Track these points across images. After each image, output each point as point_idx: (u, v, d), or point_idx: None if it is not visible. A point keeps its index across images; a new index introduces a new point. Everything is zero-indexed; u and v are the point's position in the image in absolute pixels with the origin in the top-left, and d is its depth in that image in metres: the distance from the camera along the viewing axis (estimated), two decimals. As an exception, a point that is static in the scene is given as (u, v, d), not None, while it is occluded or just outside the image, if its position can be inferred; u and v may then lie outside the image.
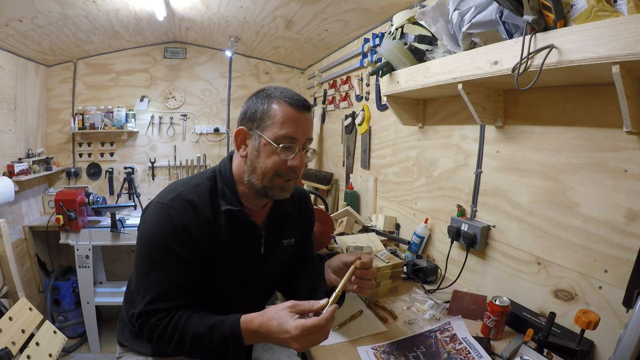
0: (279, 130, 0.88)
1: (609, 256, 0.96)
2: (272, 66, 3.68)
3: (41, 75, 3.01)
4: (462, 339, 1.06)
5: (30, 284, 2.69)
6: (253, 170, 0.92)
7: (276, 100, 0.90)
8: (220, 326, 0.82)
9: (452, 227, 1.47)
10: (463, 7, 1.09)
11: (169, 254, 0.86)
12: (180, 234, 0.87)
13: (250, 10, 2.35)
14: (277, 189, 0.94)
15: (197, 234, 0.89)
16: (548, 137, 1.15)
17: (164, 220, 0.87)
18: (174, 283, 0.86)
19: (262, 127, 0.90)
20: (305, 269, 1.16)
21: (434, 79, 1.29)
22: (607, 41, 0.75)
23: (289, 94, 0.91)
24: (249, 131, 0.93)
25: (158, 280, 0.86)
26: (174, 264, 0.86)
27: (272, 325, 0.78)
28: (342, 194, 2.69)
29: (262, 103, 0.91)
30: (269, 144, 0.89)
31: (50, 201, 2.97)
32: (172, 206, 0.88)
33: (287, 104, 0.90)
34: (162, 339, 0.84)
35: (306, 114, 0.93)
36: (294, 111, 0.90)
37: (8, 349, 1.36)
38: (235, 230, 0.96)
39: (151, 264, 0.87)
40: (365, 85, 2.35)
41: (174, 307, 0.85)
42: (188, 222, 0.87)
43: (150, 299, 0.85)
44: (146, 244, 0.88)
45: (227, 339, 0.81)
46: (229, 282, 0.99)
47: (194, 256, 0.89)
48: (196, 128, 3.55)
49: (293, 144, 0.90)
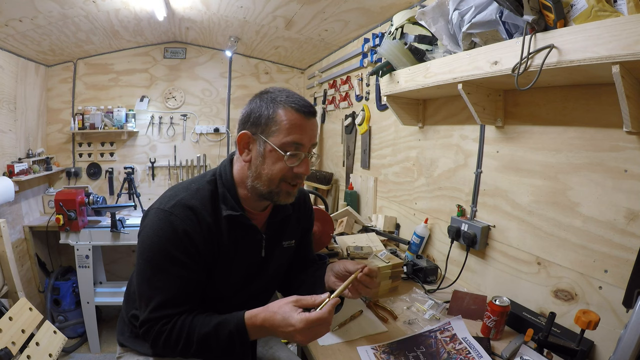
0: (285, 137, 0.87)
1: (609, 256, 0.96)
2: (272, 66, 3.68)
3: (41, 75, 3.01)
4: (462, 339, 1.06)
5: (30, 284, 2.69)
6: (258, 176, 0.91)
7: (282, 106, 0.88)
8: (226, 324, 0.83)
9: (452, 227, 1.47)
10: (463, 7, 1.09)
11: (171, 261, 0.86)
12: (182, 240, 0.87)
13: (250, 10, 2.35)
14: (283, 194, 0.93)
15: (199, 240, 0.88)
16: (548, 137, 1.15)
17: (165, 227, 0.87)
18: (176, 289, 0.86)
19: (268, 132, 0.88)
20: (305, 273, 1.16)
21: (434, 79, 1.29)
22: (607, 41, 0.75)
23: (295, 99, 0.90)
24: (252, 136, 0.91)
25: (161, 287, 0.86)
26: (176, 271, 0.86)
27: (277, 319, 0.80)
28: (342, 194, 2.69)
29: (267, 107, 0.89)
30: (275, 150, 0.88)
31: (50, 201, 2.97)
32: (173, 213, 0.88)
33: (294, 110, 0.88)
34: (168, 343, 0.84)
35: (312, 120, 0.92)
36: (301, 117, 0.89)
37: (8, 349, 1.36)
38: (236, 235, 0.95)
39: (153, 270, 0.87)
40: (365, 85, 2.35)
41: (177, 313, 0.86)
42: (189, 229, 0.87)
43: (154, 306, 0.85)
44: (148, 251, 0.88)
45: (233, 335, 0.82)
46: (230, 285, 0.99)
47: (196, 262, 0.89)
48: (196, 128, 3.55)
49: (299, 150, 0.89)
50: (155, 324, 0.85)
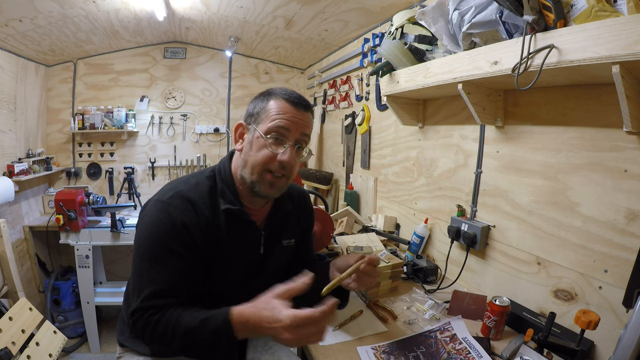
0: (270, 122, 0.90)
1: (609, 256, 0.96)
2: (272, 66, 3.68)
3: (41, 75, 3.01)
4: (462, 339, 1.06)
5: (30, 284, 2.69)
6: (245, 164, 0.94)
7: (274, 97, 0.93)
8: (213, 319, 0.79)
9: (452, 227, 1.47)
10: (463, 7, 1.09)
11: (167, 252, 0.86)
12: (180, 232, 0.86)
13: (250, 10, 2.35)
14: (265, 185, 0.92)
15: (197, 233, 0.88)
16: (548, 137, 1.15)
17: (163, 219, 0.87)
18: (170, 280, 0.85)
19: (258, 121, 0.93)
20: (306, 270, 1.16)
21: (434, 79, 1.29)
22: (607, 41, 0.75)
23: (288, 92, 0.94)
24: (247, 125, 0.96)
25: (154, 277, 0.85)
26: (171, 262, 0.86)
27: (264, 315, 0.75)
28: (342, 194, 2.69)
29: (262, 100, 0.95)
30: (261, 137, 0.91)
31: (50, 201, 2.97)
32: (171, 204, 0.88)
33: (283, 99, 0.92)
34: (154, 334, 0.82)
35: (301, 111, 0.93)
36: (289, 105, 0.92)
37: (8, 349, 1.36)
38: (235, 230, 0.95)
39: (150, 261, 0.86)
40: (365, 85, 2.35)
41: (168, 305, 0.84)
42: (187, 221, 0.87)
43: (146, 295, 0.84)
44: (144, 242, 0.87)
45: (219, 331, 0.78)
46: (228, 282, 0.99)
47: (193, 254, 0.88)
48: (196, 128, 3.55)
49: (283, 137, 0.91)
50: (144, 313, 0.83)
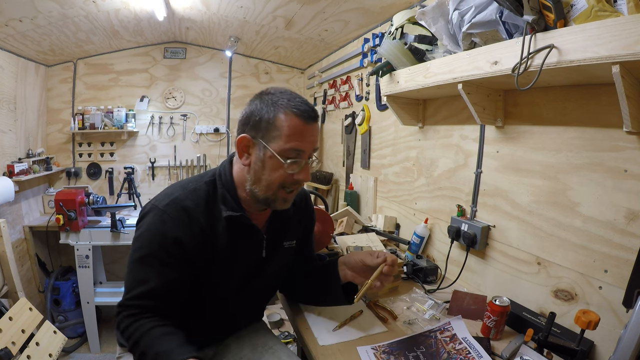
0: (286, 143, 0.86)
1: (609, 256, 0.96)
2: (272, 66, 3.68)
3: (41, 75, 3.01)
4: (462, 339, 1.06)
5: (30, 284, 2.69)
6: (257, 181, 0.91)
7: (283, 110, 0.86)
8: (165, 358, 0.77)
9: (452, 227, 1.47)
10: (463, 7, 1.09)
11: (157, 259, 0.87)
12: (170, 245, 0.87)
13: (250, 10, 2.35)
14: (279, 201, 0.93)
15: (189, 245, 0.88)
16: (548, 137, 1.15)
17: (157, 227, 0.87)
18: (155, 284, 0.86)
19: (268, 138, 0.87)
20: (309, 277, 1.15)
21: (434, 79, 1.29)
22: (607, 41, 0.75)
23: (296, 103, 0.87)
24: (252, 139, 0.89)
25: (141, 278, 0.86)
26: (160, 269, 0.87)
27: None
28: (342, 194, 2.69)
29: (267, 111, 0.87)
30: (275, 157, 0.86)
31: (50, 201, 2.97)
32: (166, 212, 0.88)
33: (294, 115, 0.86)
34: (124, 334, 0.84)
35: (313, 125, 0.90)
36: (302, 123, 0.86)
37: (8, 349, 1.36)
38: (236, 236, 0.95)
39: (140, 263, 0.88)
40: (365, 85, 2.35)
41: (149, 307, 0.85)
42: (180, 234, 0.87)
43: (131, 294, 0.86)
44: (138, 244, 0.89)
45: None
46: (230, 286, 0.99)
47: (182, 265, 0.89)
48: (196, 128, 3.55)
49: (300, 157, 0.88)
50: (124, 310, 0.85)
